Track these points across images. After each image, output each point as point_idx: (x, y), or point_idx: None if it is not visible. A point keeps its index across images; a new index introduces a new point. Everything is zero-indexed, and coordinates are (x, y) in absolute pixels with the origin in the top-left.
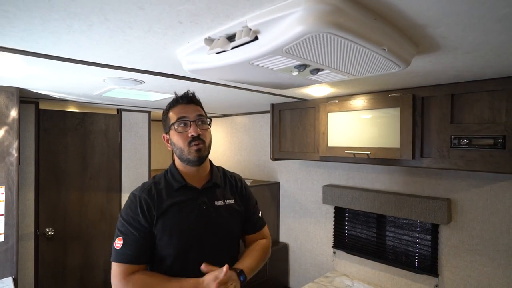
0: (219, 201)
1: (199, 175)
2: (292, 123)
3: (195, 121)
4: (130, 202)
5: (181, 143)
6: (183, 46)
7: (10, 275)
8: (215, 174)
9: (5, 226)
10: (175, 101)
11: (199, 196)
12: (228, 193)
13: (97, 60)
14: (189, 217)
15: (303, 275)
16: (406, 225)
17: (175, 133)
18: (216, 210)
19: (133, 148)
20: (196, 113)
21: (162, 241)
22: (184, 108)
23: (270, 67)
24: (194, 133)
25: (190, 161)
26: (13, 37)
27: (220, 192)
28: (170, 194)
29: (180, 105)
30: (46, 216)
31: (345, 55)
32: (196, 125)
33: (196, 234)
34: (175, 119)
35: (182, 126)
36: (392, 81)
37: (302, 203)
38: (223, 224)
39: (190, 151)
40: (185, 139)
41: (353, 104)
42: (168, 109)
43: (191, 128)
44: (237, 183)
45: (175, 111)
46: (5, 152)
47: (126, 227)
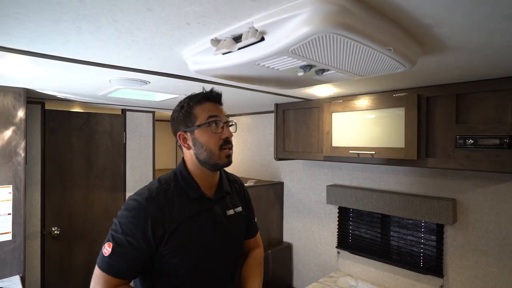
0: (230, 210)
1: (213, 181)
2: (296, 123)
3: (225, 123)
4: (134, 212)
5: (213, 145)
6: (189, 47)
7: (17, 273)
8: (224, 181)
9: (12, 225)
10: (204, 97)
11: (213, 207)
12: (236, 200)
13: (103, 61)
14: (204, 231)
15: (307, 275)
16: (411, 225)
17: (204, 133)
18: (228, 220)
19: (138, 148)
20: (225, 113)
21: (173, 259)
22: (215, 107)
23: (275, 67)
24: (228, 135)
25: (216, 166)
26: (23, 39)
27: (230, 200)
28: (183, 204)
29: (209, 103)
30: (52, 216)
31: (351, 56)
32: (227, 126)
33: (211, 248)
34: (206, 117)
35: (214, 127)
36: (396, 81)
37: (306, 203)
38: (234, 234)
39: (221, 156)
40: (216, 142)
41: (357, 104)
42: (192, 104)
43: (224, 130)
44: (240, 188)
45: (204, 108)
46: (12, 152)
47: (121, 237)
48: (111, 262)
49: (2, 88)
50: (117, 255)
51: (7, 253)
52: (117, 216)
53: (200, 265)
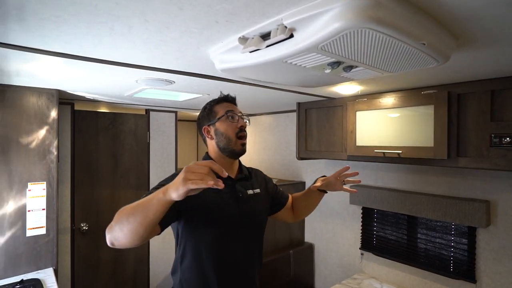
0: (250, 190)
1: (233, 167)
2: (318, 122)
3: (240, 116)
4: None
5: (230, 133)
6: (216, 46)
7: (51, 265)
8: (243, 167)
9: (46, 219)
10: (222, 99)
11: (235, 185)
12: (255, 183)
13: (132, 61)
14: (229, 205)
15: (329, 276)
16: (440, 228)
17: (223, 123)
18: (249, 198)
19: (161, 147)
20: (240, 111)
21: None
22: (231, 105)
23: (303, 64)
24: (244, 125)
25: (233, 153)
26: (59, 41)
27: (249, 183)
28: None
29: (227, 103)
30: (81, 212)
31: (382, 51)
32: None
33: (234, 219)
34: (224, 111)
35: (231, 118)
36: (426, 77)
37: (328, 203)
38: (255, 211)
39: (237, 143)
40: (233, 130)
41: (382, 102)
42: (213, 104)
43: (239, 121)
44: (259, 174)
45: (222, 106)
46: (46, 150)
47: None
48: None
49: (37, 90)
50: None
51: (42, 246)
52: None
53: (226, 234)
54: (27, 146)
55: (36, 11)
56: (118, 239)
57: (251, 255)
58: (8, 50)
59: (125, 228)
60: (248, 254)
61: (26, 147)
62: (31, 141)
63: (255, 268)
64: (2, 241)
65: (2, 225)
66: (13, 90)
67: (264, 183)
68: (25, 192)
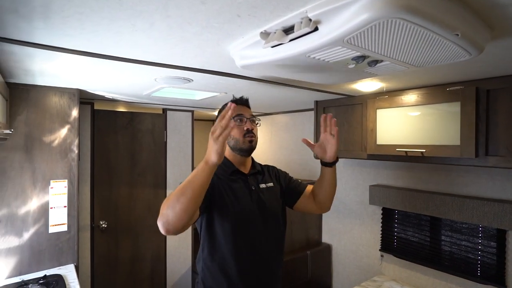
0: (262, 184)
1: (245, 164)
2: (337, 121)
3: (249, 119)
4: None
5: (238, 135)
6: (237, 41)
7: (72, 262)
8: (256, 164)
9: (68, 217)
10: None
11: (247, 179)
12: (267, 178)
13: (152, 59)
14: (243, 197)
15: (347, 278)
16: (466, 230)
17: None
18: (261, 191)
19: (178, 147)
20: (250, 113)
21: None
22: (240, 108)
23: (326, 59)
24: (249, 127)
25: (242, 150)
26: (81, 39)
27: (262, 178)
28: (224, 178)
29: (237, 106)
30: (100, 210)
31: (412, 44)
32: (250, 122)
33: (249, 211)
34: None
35: (239, 121)
36: (452, 72)
37: (347, 203)
38: (268, 203)
39: (244, 141)
40: (241, 132)
41: (404, 99)
42: (225, 107)
43: (246, 123)
44: (273, 169)
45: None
46: (67, 148)
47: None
48: None
49: (60, 89)
50: None
51: (64, 243)
52: None
53: (242, 224)
54: (50, 145)
55: (61, 8)
56: (171, 222)
57: (270, 246)
58: (33, 49)
59: (177, 207)
60: (266, 244)
61: (48, 146)
62: (53, 140)
63: (275, 261)
64: (26, 237)
65: (27, 221)
66: (37, 90)
67: (277, 177)
68: (47, 189)
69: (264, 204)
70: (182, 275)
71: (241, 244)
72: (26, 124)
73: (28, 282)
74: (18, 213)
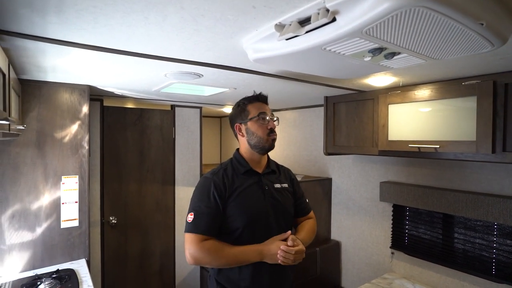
0: (277, 184)
1: (261, 162)
2: (347, 116)
3: (271, 118)
4: (203, 183)
5: (261, 133)
6: (250, 34)
7: (84, 256)
8: (271, 163)
9: (79, 212)
10: (255, 98)
11: (261, 179)
12: (282, 178)
13: (163, 53)
14: (255, 196)
15: (357, 275)
16: (480, 227)
17: (255, 124)
18: (275, 191)
19: (186, 143)
20: (270, 111)
21: (233, 217)
22: (263, 106)
23: (342, 52)
24: (273, 126)
25: (264, 149)
26: (94, 34)
27: (277, 177)
28: (238, 177)
29: (259, 103)
30: (110, 206)
31: (433, 34)
32: (272, 120)
33: (262, 211)
34: (257, 113)
35: (262, 119)
36: (469, 65)
37: (356, 200)
38: (281, 203)
39: (268, 140)
40: (264, 130)
41: (418, 94)
42: (246, 103)
43: (270, 123)
44: (288, 172)
45: (255, 106)
46: (78, 144)
47: (198, 204)
48: (196, 223)
49: (70, 86)
50: (199, 217)
51: (75, 238)
52: (193, 194)
53: (253, 226)
54: (61, 141)
55: (74, 2)
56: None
57: None
58: (46, 45)
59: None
60: None
61: (60, 142)
62: (64, 136)
63: None
64: (39, 232)
65: (39, 216)
66: (48, 86)
67: (291, 181)
68: (59, 185)
69: (277, 204)
70: (190, 271)
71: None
72: (38, 120)
73: (41, 276)
74: (31, 208)
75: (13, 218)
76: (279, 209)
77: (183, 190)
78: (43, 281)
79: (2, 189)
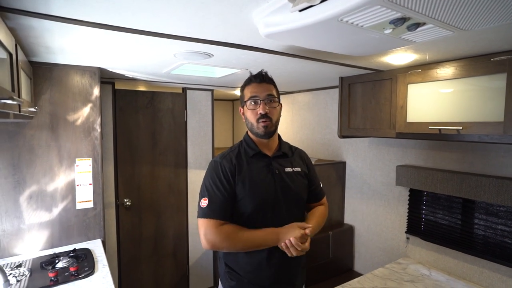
0: (288, 168)
1: (270, 145)
2: (363, 98)
3: (264, 100)
4: (213, 168)
5: (252, 119)
6: (261, 7)
7: (99, 237)
8: (283, 145)
9: (93, 194)
10: (249, 80)
11: (271, 162)
12: (295, 162)
13: (171, 31)
14: (265, 180)
15: (370, 260)
16: (503, 213)
17: (247, 109)
18: (286, 175)
19: (198, 126)
20: (267, 92)
21: (242, 200)
22: (256, 87)
23: (360, 23)
24: (262, 111)
25: (258, 135)
26: (98, 9)
27: (289, 161)
28: (247, 160)
29: (253, 84)
30: (124, 188)
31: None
32: (265, 104)
33: (271, 195)
34: (248, 97)
35: (253, 104)
36: (500, 38)
37: (371, 184)
38: (292, 188)
39: (258, 126)
40: (254, 116)
41: (440, 73)
42: (244, 86)
43: (260, 106)
44: (303, 155)
45: (248, 89)
46: (90, 127)
47: (210, 188)
48: (210, 208)
49: (81, 68)
50: (212, 202)
51: (91, 219)
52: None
53: (262, 210)
54: (74, 123)
55: None
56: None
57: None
58: (51, 23)
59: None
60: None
61: (72, 124)
62: (76, 118)
63: None
64: (56, 213)
65: (55, 197)
66: (59, 69)
67: (306, 165)
68: (73, 167)
69: (287, 189)
70: (203, 252)
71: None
72: (50, 103)
73: (59, 255)
74: (47, 190)
75: (31, 198)
76: (289, 193)
77: (195, 173)
78: (61, 259)
79: (19, 171)
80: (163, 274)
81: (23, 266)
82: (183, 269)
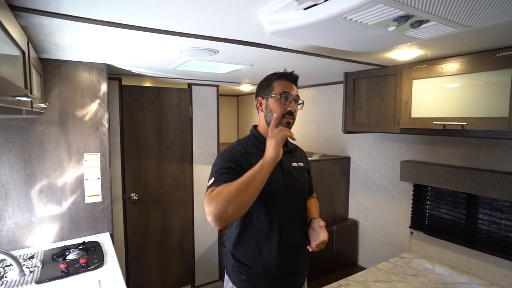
0: (294, 163)
1: None
2: (368, 93)
3: (294, 99)
4: (222, 154)
5: (279, 112)
6: (267, 5)
7: (107, 230)
8: (288, 142)
9: (101, 188)
10: (283, 75)
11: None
12: (299, 157)
13: (177, 28)
14: (274, 173)
15: (374, 254)
16: (507, 208)
17: (275, 101)
18: (293, 169)
19: (203, 122)
20: (296, 93)
21: None
22: (288, 85)
23: (364, 21)
24: (292, 109)
25: None
26: (105, 7)
27: (294, 156)
28: (256, 153)
29: (287, 81)
30: (131, 182)
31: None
32: (294, 102)
33: (281, 187)
34: (281, 90)
35: (283, 99)
36: (506, 34)
37: (375, 179)
38: (299, 181)
39: (282, 122)
40: (282, 110)
41: (445, 68)
42: (274, 78)
43: (291, 104)
44: (302, 152)
45: (281, 84)
46: (98, 123)
47: (217, 169)
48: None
49: (89, 64)
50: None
51: (99, 213)
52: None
53: (273, 198)
54: (82, 119)
55: None
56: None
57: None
58: (61, 21)
59: (238, 201)
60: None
61: (81, 120)
62: (85, 114)
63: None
64: (66, 206)
65: (65, 191)
66: (68, 65)
67: (306, 162)
68: (82, 162)
69: (295, 182)
70: (209, 246)
71: (274, 221)
72: (59, 99)
73: (69, 247)
74: (57, 184)
75: (41, 192)
76: (297, 187)
77: (200, 168)
78: (71, 252)
79: (30, 165)
80: (170, 267)
81: (35, 258)
82: (189, 262)
